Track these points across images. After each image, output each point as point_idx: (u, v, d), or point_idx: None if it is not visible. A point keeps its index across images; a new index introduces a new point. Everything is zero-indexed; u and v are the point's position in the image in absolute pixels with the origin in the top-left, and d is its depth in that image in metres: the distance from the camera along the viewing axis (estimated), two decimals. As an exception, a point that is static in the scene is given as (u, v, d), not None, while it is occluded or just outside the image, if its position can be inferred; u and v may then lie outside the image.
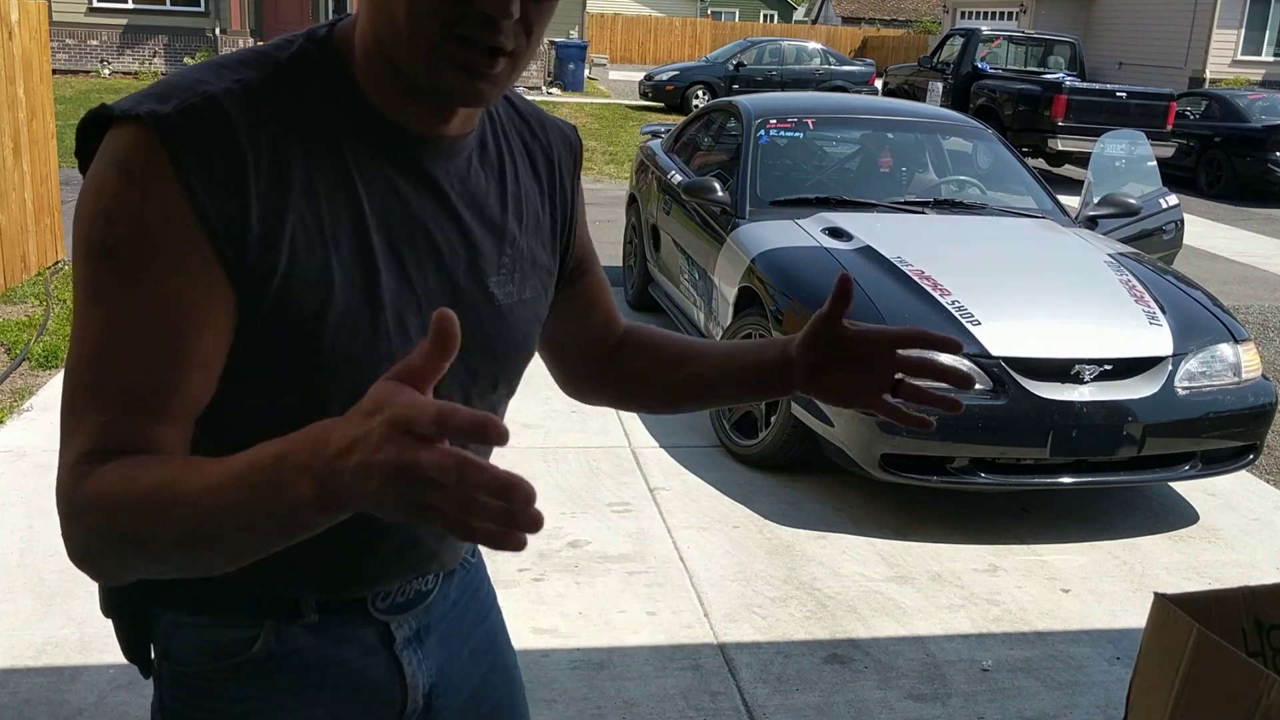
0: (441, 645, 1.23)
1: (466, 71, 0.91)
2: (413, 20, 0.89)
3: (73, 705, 2.66)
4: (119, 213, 0.87)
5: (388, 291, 0.99)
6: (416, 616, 1.19)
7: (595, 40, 31.53)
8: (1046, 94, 13.71)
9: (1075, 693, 3.00)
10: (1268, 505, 4.36)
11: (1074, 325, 3.94)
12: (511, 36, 0.91)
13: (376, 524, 1.07)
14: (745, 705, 2.85)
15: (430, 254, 1.02)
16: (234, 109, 0.91)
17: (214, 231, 0.89)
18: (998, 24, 26.09)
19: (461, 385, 1.08)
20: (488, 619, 1.31)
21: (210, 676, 1.10)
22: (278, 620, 1.10)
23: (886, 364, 1.14)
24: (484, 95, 0.93)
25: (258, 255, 0.91)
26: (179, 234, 0.88)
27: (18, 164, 6.04)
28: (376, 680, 1.16)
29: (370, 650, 1.15)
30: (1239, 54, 22.35)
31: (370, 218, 0.97)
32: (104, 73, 20.18)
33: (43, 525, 3.53)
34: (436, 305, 1.02)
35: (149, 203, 0.87)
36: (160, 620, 1.11)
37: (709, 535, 3.76)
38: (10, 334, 5.28)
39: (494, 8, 0.88)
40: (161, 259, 0.88)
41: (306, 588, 1.10)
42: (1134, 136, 6.61)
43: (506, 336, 1.10)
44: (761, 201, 4.98)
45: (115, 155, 0.88)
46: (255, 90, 0.93)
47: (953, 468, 3.78)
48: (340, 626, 1.13)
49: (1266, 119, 13.51)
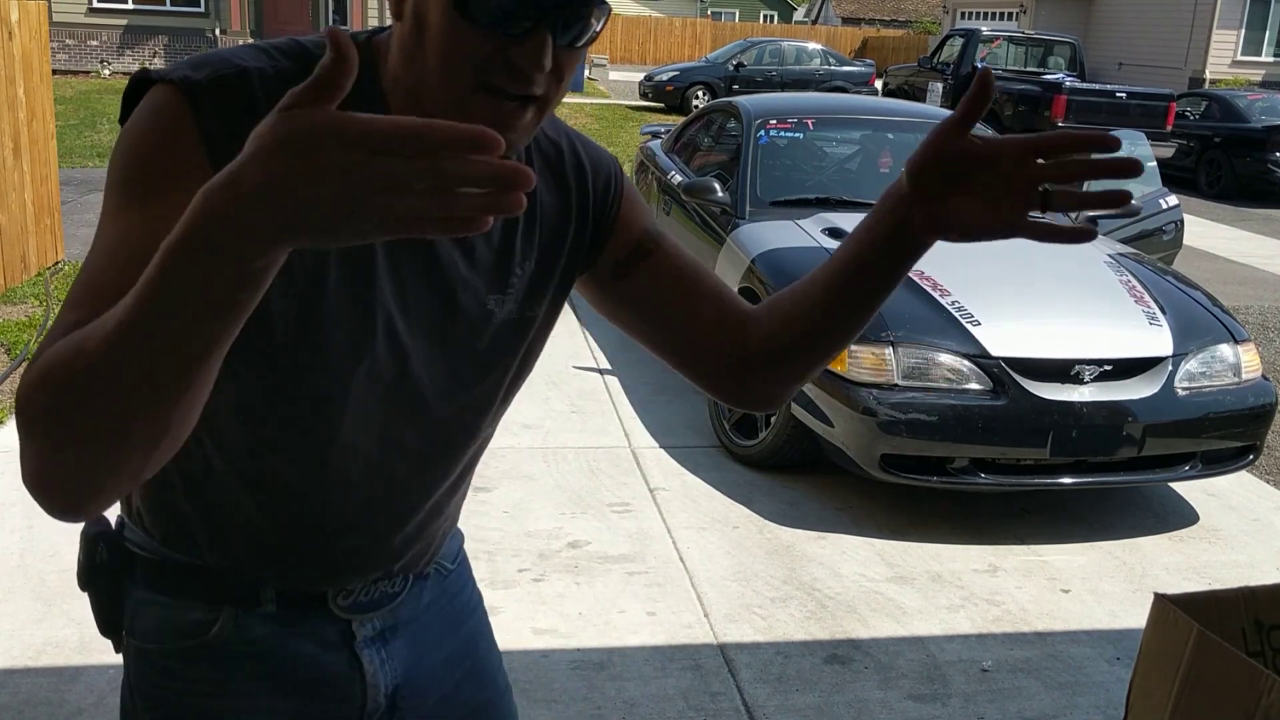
0: (410, 647, 1.23)
1: (496, 123, 0.89)
2: (445, 69, 0.89)
3: (73, 705, 2.66)
4: (141, 147, 0.91)
5: (380, 292, 1.00)
6: (382, 617, 1.19)
7: (595, 41, 31.52)
8: (1046, 94, 13.73)
9: (1075, 693, 3.00)
10: (1268, 505, 4.36)
11: (1074, 326, 3.94)
12: (542, 84, 0.91)
13: (335, 522, 1.09)
14: (745, 705, 2.85)
15: (428, 266, 1.03)
16: (260, 88, 0.93)
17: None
18: (998, 24, 26.09)
19: (455, 399, 1.10)
20: (466, 625, 1.31)
21: (170, 655, 1.13)
22: (236, 607, 1.12)
23: (1027, 176, 0.91)
24: (512, 145, 0.93)
25: None
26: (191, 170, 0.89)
27: (18, 164, 6.04)
28: (336, 676, 1.17)
29: (330, 646, 1.16)
30: (1239, 54, 22.35)
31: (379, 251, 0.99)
32: (104, 73, 20.18)
33: (43, 525, 3.52)
34: (425, 312, 1.04)
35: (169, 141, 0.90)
36: (130, 596, 1.15)
37: (709, 535, 3.76)
38: (10, 334, 5.28)
39: (529, 62, 0.87)
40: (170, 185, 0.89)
41: (265, 575, 1.11)
42: (1134, 137, 6.61)
43: (500, 353, 1.11)
44: (761, 202, 4.98)
45: (146, 107, 0.93)
46: (287, 79, 0.94)
47: (953, 468, 3.78)
48: (300, 620, 1.14)
49: (1266, 119, 13.51)
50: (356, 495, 1.09)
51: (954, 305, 3.93)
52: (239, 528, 1.08)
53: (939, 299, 3.96)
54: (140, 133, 0.91)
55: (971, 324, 3.84)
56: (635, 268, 1.18)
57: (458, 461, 1.15)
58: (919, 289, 4.02)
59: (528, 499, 3.94)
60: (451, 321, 1.06)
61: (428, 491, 1.14)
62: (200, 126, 0.90)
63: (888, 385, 3.74)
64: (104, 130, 13.05)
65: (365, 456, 1.07)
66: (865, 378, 3.76)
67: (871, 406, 3.70)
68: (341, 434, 1.04)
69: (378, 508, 1.11)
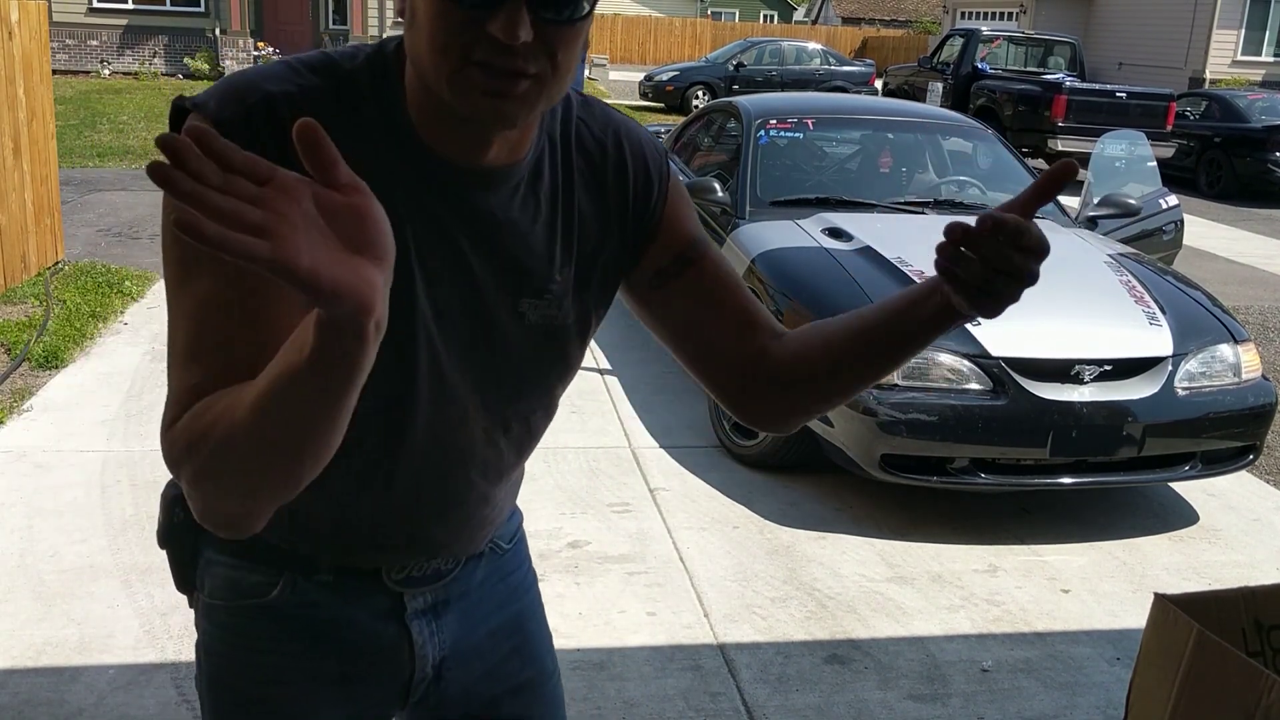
0: (459, 621, 1.28)
1: (490, 95, 0.93)
2: (434, 50, 0.93)
3: (73, 705, 2.66)
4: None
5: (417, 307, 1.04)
6: (433, 591, 1.25)
7: (595, 40, 31.52)
8: (1046, 94, 13.71)
9: (1075, 693, 3.00)
10: (1268, 505, 4.36)
11: (1074, 326, 3.94)
12: (531, 60, 0.93)
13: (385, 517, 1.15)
14: (745, 706, 2.85)
15: (460, 274, 1.06)
16: (287, 114, 0.96)
17: None
18: (998, 24, 26.08)
19: (481, 392, 1.12)
20: (516, 603, 1.35)
21: (235, 613, 1.20)
22: (295, 573, 1.19)
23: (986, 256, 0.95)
24: (511, 117, 0.95)
25: None
26: None
27: (18, 164, 6.04)
28: (385, 645, 1.24)
29: (381, 616, 1.22)
30: (1239, 54, 22.35)
31: (410, 240, 1.02)
32: (104, 73, 20.17)
33: (43, 525, 3.53)
34: (456, 320, 1.07)
35: None
36: (201, 555, 1.21)
37: (709, 535, 3.76)
38: (10, 334, 5.28)
39: (503, 32, 0.90)
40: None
41: (321, 552, 1.18)
42: (1134, 137, 6.60)
43: (536, 356, 1.14)
44: (761, 202, 4.98)
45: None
46: (314, 97, 0.99)
47: (953, 468, 3.78)
48: (354, 590, 1.20)
49: (1266, 119, 13.50)
50: (406, 494, 1.14)
51: (954, 305, 3.92)
52: (295, 519, 1.14)
53: (939, 299, 3.96)
54: None
55: (971, 324, 3.84)
56: (676, 278, 1.19)
57: (502, 457, 1.19)
58: (919, 289, 4.02)
59: (528, 499, 3.94)
60: (483, 328, 1.09)
61: (473, 486, 1.18)
62: None
63: (888, 385, 3.74)
64: (104, 130, 13.05)
65: (414, 458, 1.12)
66: (865, 378, 3.76)
67: (871, 406, 3.70)
68: (391, 441, 1.10)
69: (426, 503, 1.16)
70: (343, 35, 21.84)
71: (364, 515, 1.15)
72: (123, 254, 7.19)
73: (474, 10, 0.90)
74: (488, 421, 1.14)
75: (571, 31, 0.94)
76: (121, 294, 6.18)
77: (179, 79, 20.13)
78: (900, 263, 4.20)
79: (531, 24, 0.90)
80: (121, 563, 3.32)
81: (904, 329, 1.07)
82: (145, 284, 6.45)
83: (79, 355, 5.18)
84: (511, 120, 0.95)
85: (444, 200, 1.03)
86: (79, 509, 3.64)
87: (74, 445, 4.16)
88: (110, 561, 3.32)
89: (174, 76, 20.40)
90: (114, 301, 6.02)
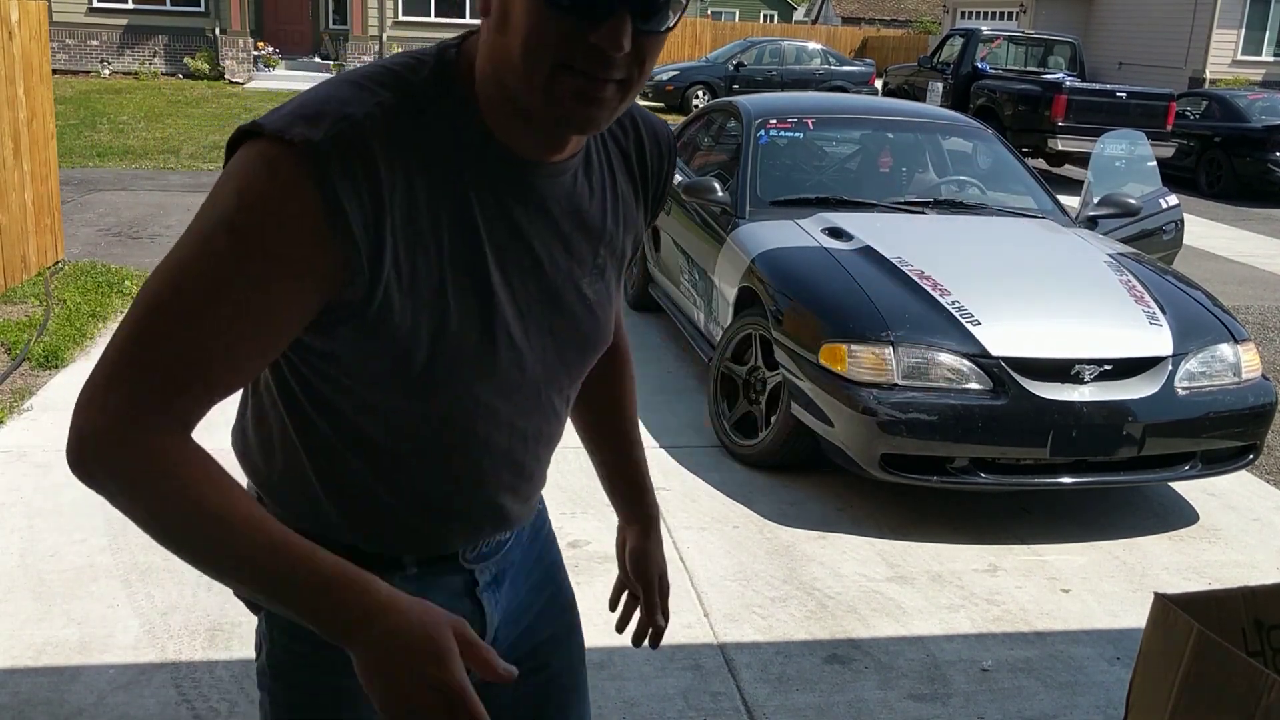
0: (511, 584, 1.34)
1: (581, 100, 0.96)
2: (528, 54, 0.95)
3: (73, 705, 2.66)
4: (255, 201, 0.95)
5: (499, 311, 1.08)
6: (496, 563, 1.30)
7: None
8: (1046, 94, 13.70)
9: (1075, 693, 3.00)
10: (1268, 505, 4.36)
11: (1074, 325, 3.94)
12: (623, 68, 0.97)
13: (466, 503, 1.21)
14: (745, 705, 2.85)
15: (534, 270, 1.11)
16: (374, 139, 0.97)
17: (344, 249, 0.97)
18: (998, 24, 26.08)
19: (558, 381, 1.20)
20: (547, 555, 1.43)
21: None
22: (380, 572, 1.19)
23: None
24: (598, 122, 0.99)
25: (383, 277, 0.99)
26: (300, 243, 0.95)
27: (18, 164, 6.04)
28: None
29: (457, 595, 1.26)
30: (1239, 54, 22.35)
31: (487, 247, 1.06)
32: (104, 73, 20.18)
33: (43, 525, 3.53)
34: (537, 314, 1.13)
35: (285, 207, 0.94)
36: None
37: (709, 535, 3.76)
38: (10, 334, 5.28)
39: (607, 43, 0.93)
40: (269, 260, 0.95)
41: (409, 550, 1.21)
42: (1134, 136, 6.61)
43: (596, 330, 1.20)
44: (761, 202, 4.98)
45: (266, 157, 0.95)
46: (391, 115, 1.00)
47: (953, 468, 3.78)
48: (434, 576, 1.24)
49: (1266, 119, 13.50)
50: (490, 474, 1.19)
51: (954, 305, 3.93)
52: (384, 520, 1.18)
53: (939, 299, 3.96)
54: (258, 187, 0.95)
55: (971, 323, 3.84)
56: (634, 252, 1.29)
57: (559, 428, 1.27)
58: (919, 289, 4.02)
59: (528, 499, 3.93)
60: (558, 315, 1.15)
61: (539, 461, 1.26)
62: (324, 194, 0.94)
63: (888, 385, 3.74)
64: (104, 130, 13.05)
65: (492, 446, 1.18)
66: (865, 377, 3.76)
67: (871, 406, 3.70)
68: (474, 433, 1.15)
69: (502, 485, 1.21)
70: (343, 35, 21.83)
71: (455, 505, 1.20)
72: (123, 254, 7.19)
73: (579, 20, 0.92)
74: (554, 396, 1.21)
75: (662, 40, 0.99)
76: (121, 294, 6.18)
77: (179, 79, 20.14)
78: (900, 262, 4.20)
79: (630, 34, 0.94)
80: (121, 563, 3.32)
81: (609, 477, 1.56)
82: (145, 284, 6.45)
83: (79, 355, 5.18)
84: (598, 125, 0.99)
85: (519, 198, 1.07)
86: (79, 509, 3.64)
87: (74, 445, 4.16)
88: (110, 561, 3.32)
89: (174, 76, 20.40)
90: (114, 301, 6.02)
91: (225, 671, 2.82)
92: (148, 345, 0.95)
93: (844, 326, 3.88)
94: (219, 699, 2.71)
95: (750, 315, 4.44)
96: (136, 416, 0.95)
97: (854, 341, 3.82)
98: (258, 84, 19.49)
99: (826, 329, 3.91)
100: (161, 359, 0.95)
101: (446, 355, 1.06)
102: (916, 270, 4.14)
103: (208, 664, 2.85)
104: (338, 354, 1.05)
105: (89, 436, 0.95)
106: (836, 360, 3.83)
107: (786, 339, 4.10)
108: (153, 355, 0.95)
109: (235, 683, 2.78)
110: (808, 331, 3.99)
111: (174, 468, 0.94)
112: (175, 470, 0.94)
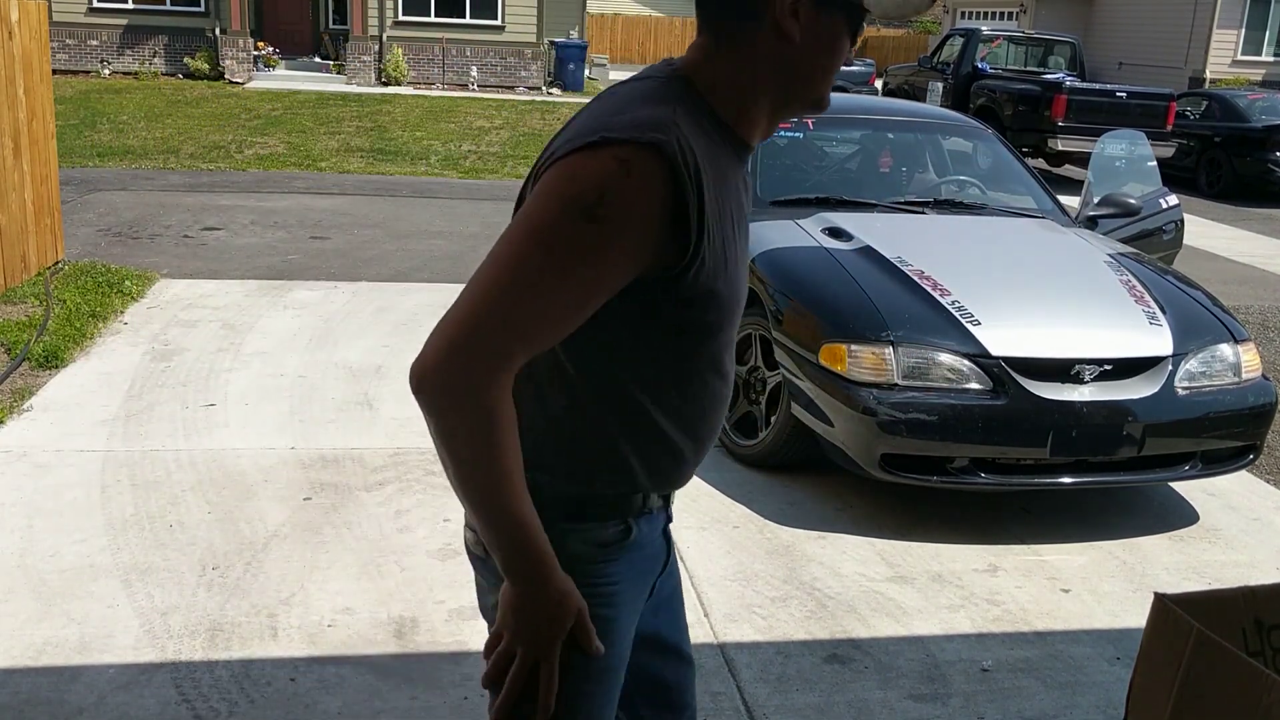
0: None
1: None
2: (826, 71, 1.38)
3: (73, 705, 2.66)
4: (614, 194, 1.19)
5: (741, 267, 1.39)
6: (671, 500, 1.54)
7: (595, 40, 31.48)
8: (1046, 94, 13.70)
9: (1075, 693, 3.00)
10: (1268, 505, 4.35)
11: (1074, 325, 3.94)
12: None
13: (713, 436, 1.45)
14: (745, 705, 2.85)
15: (743, 233, 1.41)
16: (687, 141, 1.24)
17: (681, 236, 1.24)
18: (998, 24, 26.07)
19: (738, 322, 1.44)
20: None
21: (596, 560, 1.41)
22: (637, 515, 1.43)
23: None
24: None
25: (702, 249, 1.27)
26: (647, 227, 1.21)
27: (18, 164, 6.04)
28: (658, 553, 1.52)
29: (661, 531, 1.51)
30: (1239, 54, 22.35)
31: (733, 214, 1.35)
32: (104, 73, 20.17)
33: (43, 525, 3.52)
34: (739, 264, 1.39)
35: (640, 198, 1.20)
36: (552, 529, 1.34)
37: (709, 535, 3.76)
38: (10, 334, 5.28)
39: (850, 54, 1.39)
40: (623, 242, 1.20)
41: (653, 488, 1.43)
42: (1134, 136, 6.60)
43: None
44: (761, 201, 4.98)
45: (619, 157, 1.20)
46: (685, 123, 1.27)
47: (953, 468, 3.78)
48: (658, 515, 1.48)
49: (1266, 119, 13.50)
50: (720, 419, 1.46)
51: (954, 305, 3.92)
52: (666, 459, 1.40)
53: (939, 299, 3.96)
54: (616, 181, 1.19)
55: (971, 324, 3.84)
56: None
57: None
58: (919, 289, 4.02)
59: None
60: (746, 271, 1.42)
61: None
62: (674, 186, 1.22)
63: (888, 385, 3.74)
64: (104, 130, 13.04)
65: (729, 384, 1.45)
66: (865, 377, 3.76)
67: (871, 406, 3.70)
68: (726, 374, 1.43)
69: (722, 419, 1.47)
70: (343, 35, 21.81)
71: (708, 444, 1.45)
72: (123, 254, 7.19)
73: (852, 40, 1.34)
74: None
75: None
76: (121, 294, 6.17)
77: (179, 79, 20.13)
78: (900, 262, 4.19)
79: None
80: (121, 563, 3.32)
81: None
82: (145, 284, 6.44)
83: (79, 355, 5.17)
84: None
85: (737, 173, 1.38)
86: (79, 509, 3.64)
87: (74, 445, 4.16)
88: (110, 561, 3.32)
89: (174, 76, 20.39)
90: (114, 301, 6.02)
91: (225, 671, 2.82)
92: (513, 301, 1.17)
93: (844, 326, 3.88)
94: (219, 699, 2.71)
95: (750, 315, 4.44)
96: (489, 362, 1.16)
97: (854, 341, 3.82)
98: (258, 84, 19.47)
99: (826, 329, 3.91)
100: (518, 315, 1.17)
101: (725, 301, 1.33)
102: (916, 270, 4.14)
103: (208, 664, 2.85)
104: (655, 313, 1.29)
105: (442, 367, 1.16)
106: (836, 360, 3.83)
107: (786, 339, 4.09)
108: (513, 310, 1.17)
109: (235, 683, 2.78)
110: (808, 331, 3.99)
111: (498, 412, 1.18)
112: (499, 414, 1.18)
